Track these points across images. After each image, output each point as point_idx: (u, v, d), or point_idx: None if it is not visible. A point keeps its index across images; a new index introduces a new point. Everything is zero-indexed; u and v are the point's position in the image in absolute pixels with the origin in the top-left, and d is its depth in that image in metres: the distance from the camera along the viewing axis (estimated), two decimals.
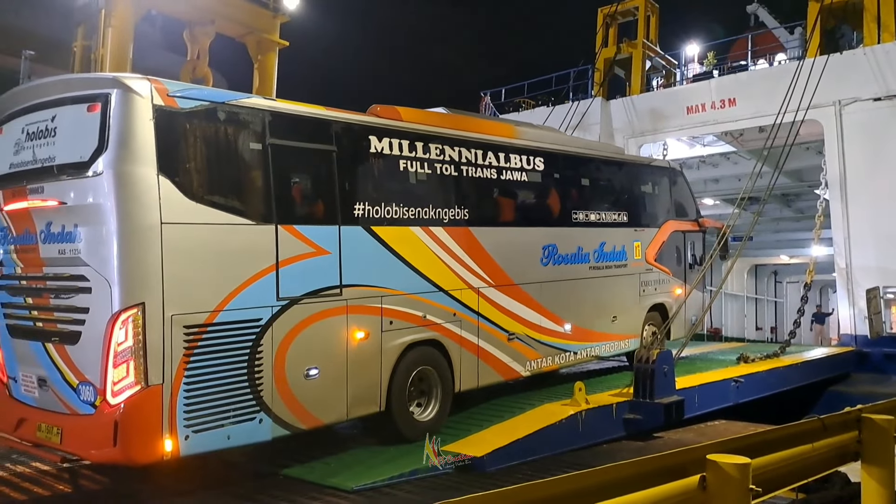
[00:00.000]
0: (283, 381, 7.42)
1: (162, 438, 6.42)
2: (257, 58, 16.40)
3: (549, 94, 24.04)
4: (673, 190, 14.75)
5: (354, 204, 8.37)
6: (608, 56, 23.11)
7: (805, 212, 25.47)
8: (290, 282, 7.51)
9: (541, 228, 11.35)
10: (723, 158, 24.26)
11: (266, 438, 7.29)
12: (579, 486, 3.45)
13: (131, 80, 6.59)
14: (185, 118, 6.82)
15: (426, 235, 9.22)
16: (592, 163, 12.92)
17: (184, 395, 6.55)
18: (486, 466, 8.42)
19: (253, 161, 7.45)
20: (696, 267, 15.03)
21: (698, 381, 12.67)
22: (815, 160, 20.33)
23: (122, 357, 6.26)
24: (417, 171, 9.23)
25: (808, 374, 15.80)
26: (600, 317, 12.37)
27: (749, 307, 32.26)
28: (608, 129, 22.09)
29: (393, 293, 8.70)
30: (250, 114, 7.47)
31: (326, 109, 8.41)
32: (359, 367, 8.25)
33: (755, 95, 19.06)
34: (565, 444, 9.70)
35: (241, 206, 7.24)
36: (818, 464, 5.31)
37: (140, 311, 6.30)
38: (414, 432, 8.88)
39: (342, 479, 7.63)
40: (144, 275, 6.41)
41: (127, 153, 6.40)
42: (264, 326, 7.27)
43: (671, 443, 10.37)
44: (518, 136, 11.32)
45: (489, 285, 10.12)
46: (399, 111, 9.42)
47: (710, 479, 3.88)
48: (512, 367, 10.55)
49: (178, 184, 6.64)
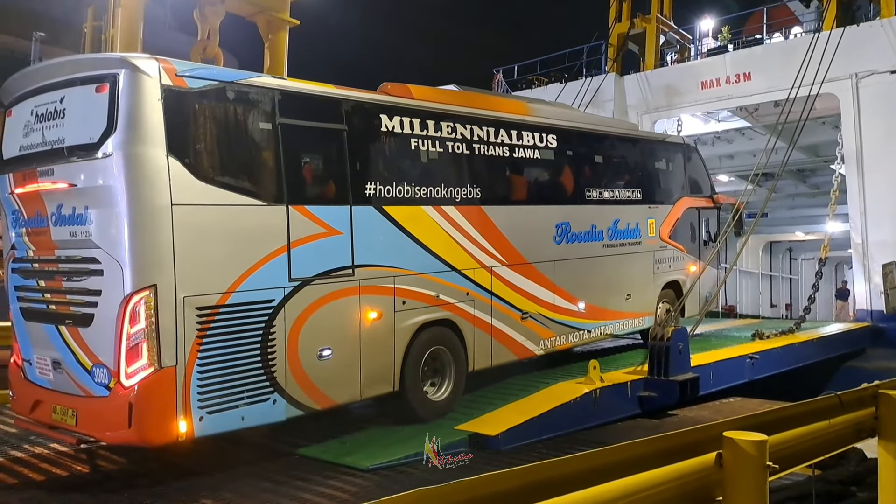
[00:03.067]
0: (297, 361, 7.42)
1: (176, 420, 6.45)
2: (268, 37, 16.30)
3: (563, 70, 23.83)
4: (687, 166, 14.61)
5: (366, 183, 8.31)
6: (622, 31, 22.88)
7: (820, 187, 25.22)
8: (301, 262, 7.49)
9: (554, 206, 11.26)
10: (737, 134, 24.03)
11: (280, 419, 7.31)
12: (594, 465, 3.44)
13: (139, 60, 6.53)
14: (194, 98, 6.77)
15: (438, 215, 9.17)
16: (606, 139, 12.80)
17: (197, 377, 6.57)
18: (501, 445, 8.43)
19: (263, 141, 7.40)
20: (711, 244, 14.90)
21: (713, 358, 12.62)
22: (830, 135, 20.11)
23: (135, 339, 6.28)
24: (429, 149, 9.15)
25: (823, 350, 15.72)
26: (614, 295, 12.30)
27: (764, 284, 32.07)
28: (622, 106, 21.91)
29: (405, 273, 8.66)
30: (260, 93, 7.42)
31: (337, 88, 8.33)
32: (372, 347, 8.24)
33: (770, 69, 18.84)
34: (580, 423, 9.69)
35: (252, 187, 7.21)
36: (835, 440, 5.28)
37: (152, 293, 6.30)
38: (428, 412, 8.93)
39: (357, 459, 7.66)
40: (156, 257, 6.40)
41: (136, 134, 6.37)
42: (277, 307, 7.26)
43: (686, 420, 10.35)
44: (530, 113, 11.21)
45: (502, 264, 10.07)
46: (410, 89, 9.34)
47: (726, 457, 3.86)
48: (525, 346, 10.50)
49: (187, 164, 6.60)
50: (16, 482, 6.95)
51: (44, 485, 6.89)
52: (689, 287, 13.81)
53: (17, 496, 6.55)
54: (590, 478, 3.36)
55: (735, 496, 3.87)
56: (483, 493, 2.98)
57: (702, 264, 14.33)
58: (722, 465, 3.86)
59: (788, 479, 6.23)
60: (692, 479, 3.83)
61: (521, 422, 8.90)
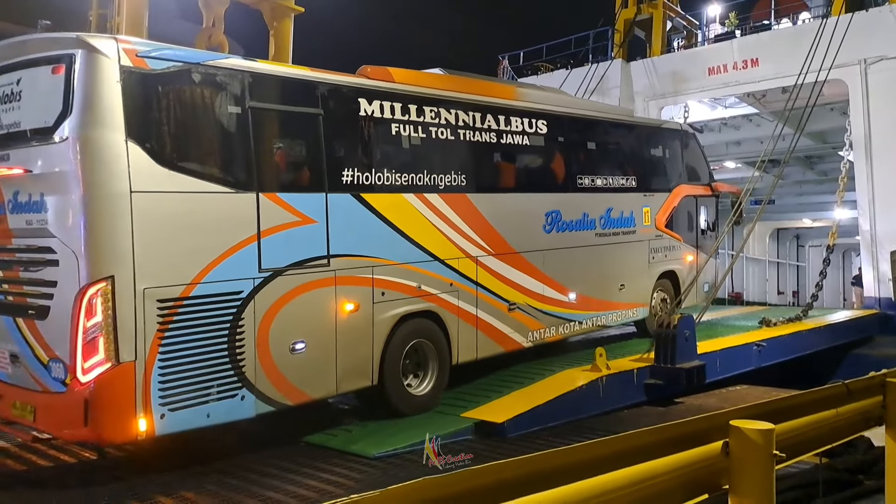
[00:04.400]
0: (267, 355, 7.17)
1: (135, 417, 6.21)
2: (273, 24, 16.22)
3: (568, 56, 23.69)
4: (684, 153, 14.32)
5: (343, 170, 8.03)
6: (628, 17, 22.72)
7: (828, 174, 25.08)
8: (273, 252, 7.22)
9: (543, 194, 10.97)
10: (745, 120, 23.89)
11: (249, 415, 7.07)
12: (601, 453, 3.43)
13: (96, 40, 6.24)
14: (156, 80, 6.48)
15: (420, 203, 8.87)
16: (599, 125, 12.48)
17: (158, 372, 6.32)
18: (507, 432, 8.46)
19: (232, 125, 7.14)
20: (709, 233, 14.70)
21: (720, 346, 12.61)
22: (839, 121, 19.96)
23: (92, 333, 6.04)
24: (411, 135, 8.85)
25: (830, 338, 15.68)
26: (607, 285, 12.05)
27: (771, 271, 31.97)
28: (628, 92, 21.79)
29: (385, 263, 8.39)
30: (229, 75, 7.12)
31: (312, 71, 8.08)
32: (349, 340, 7.97)
33: (778, 55, 18.69)
34: (586, 410, 9.71)
35: (219, 173, 6.95)
36: (842, 429, 5.26)
37: (109, 284, 6.05)
38: (409, 406, 8.70)
39: (364, 446, 7.69)
40: (113, 247, 6.15)
41: (92, 117, 6.11)
42: (245, 299, 6.99)
43: (693, 408, 10.34)
44: (519, 97, 10.88)
45: (488, 254, 9.79)
46: (391, 72, 9.01)
47: (733, 446, 3.85)
48: (513, 337, 10.22)
49: (149, 150, 6.33)
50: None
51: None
52: (686, 276, 13.66)
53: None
54: (596, 466, 3.35)
55: (742, 485, 3.86)
56: (489, 482, 2.97)
57: (701, 254, 14.20)
58: (728, 454, 3.85)
59: (795, 467, 6.21)
60: (699, 468, 3.82)
61: (527, 409, 8.92)
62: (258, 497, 6.32)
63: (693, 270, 14.00)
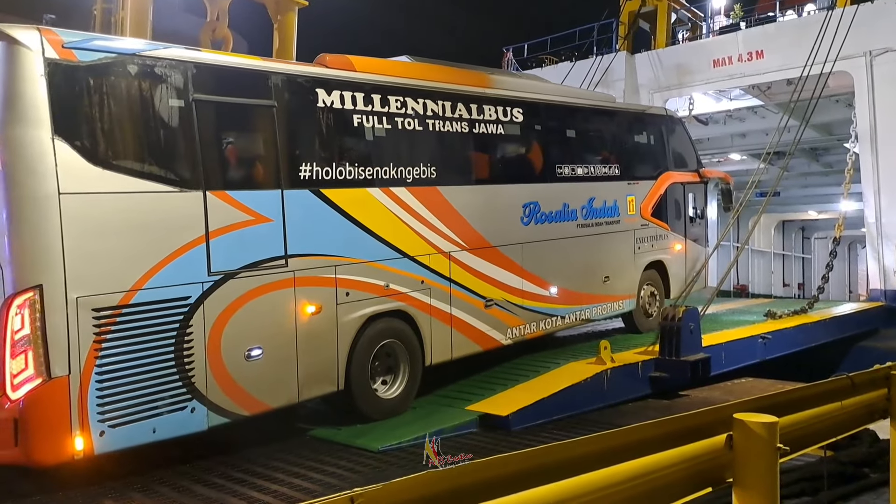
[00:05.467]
0: (219, 364, 6.81)
1: (71, 436, 5.83)
2: (277, 18, 16.22)
3: (573, 49, 23.62)
4: (670, 139, 13.92)
5: (300, 165, 7.65)
6: (632, 9, 22.63)
7: (834, 166, 24.99)
8: (223, 254, 6.85)
9: (520, 185, 10.59)
10: (750, 112, 23.80)
11: (201, 428, 6.72)
12: (605, 447, 3.43)
13: (16, 31, 5.85)
14: (85, 72, 6.11)
15: (386, 197, 8.49)
16: (578, 112, 12.08)
17: (96, 387, 5.96)
18: (511, 426, 8.48)
19: (174, 120, 6.72)
20: (698, 220, 14.44)
21: (725, 338, 12.62)
22: (844, 113, 19.90)
23: (20, 346, 5.66)
24: (374, 126, 8.43)
25: (836, 330, 15.67)
26: (591, 277, 11.73)
27: (776, 263, 31.92)
28: (633, 84, 21.72)
29: (348, 261, 8.01)
30: (169, 66, 6.68)
31: (263, 60, 7.85)
32: (310, 344, 7.61)
33: (783, 47, 18.61)
34: (590, 403, 9.73)
35: (160, 172, 6.55)
36: (847, 422, 5.25)
37: (37, 294, 5.69)
38: (377, 411, 8.39)
39: (368, 440, 7.71)
40: (40, 253, 5.80)
41: (13, 114, 5.76)
42: (194, 305, 6.62)
43: (697, 401, 10.35)
44: (493, 85, 10.44)
45: (462, 249, 9.41)
46: (352, 60, 8.59)
47: (737, 439, 3.84)
48: (490, 335, 9.85)
49: (79, 148, 5.97)
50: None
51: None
52: (674, 266, 13.53)
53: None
54: (600, 459, 3.35)
55: (746, 478, 3.86)
56: (494, 475, 2.98)
57: (691, 243, 14.09)
58: (732, 447, 3.84)
59: (800, 460, 6.22)
60: (702, 461, 3.82)
61: (532, 402, 8.94)
62: (263, 490, 6.35)
63: (682, 259, 13.79)
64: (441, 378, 9.65)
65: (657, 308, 13.10)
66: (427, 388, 9.30)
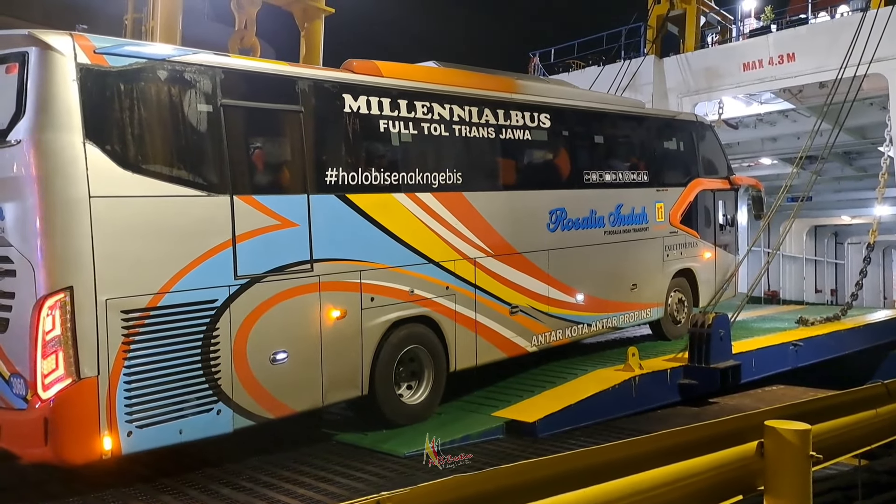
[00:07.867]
0: (245, 367, 6.84)
1: (99, 436, 5.90)
2: (304, 26, 16.35)
3: (600, 53, 23.53)
4: (700, 146, 13.74)
5: (326, 170, 7.66)
6: (661, 13, 22.47)
7: (868, 170, 24.62)
8: (250, 258, 6.88)
9: (547, 191, 10.47)
10: (781, 116, 23.52)
11: (226, 431, 6.73)
12: (634, 453, 3.40)
13: (50, 36, 5.91)
14: (117, 78, 6.16)
15: (412, 203, 8.45)
16: (606, 118, 11.97)
17: (124, 388, 6.02)
18: (538, 432, 8.42)
19: (203, 125, 6.78)
20: (728, 228, 14.27)
21: (755, 345, 12.44)
22: (878, 116, 19.58)
23: (51, 347, 5.74)
24: (401, 131, 8.45)
25: (870, 337, 15.37)
26: (618, 285, 11.56)
27: (808, 269, 31.51)
28: (661, 89, 21.55)
29: (374, 267, 7.98)
30: (198, 71, 6.75)
31: (290, 66, 7.85)
32: (335, 348, 7.59)
33: (816, 50, 18.35)
34: (618, 410, 9.64)
35: (189, 176, 6.60)
36: (882, 430, 5.17)
37: (68, 295, 5.75)
38: (402, 417, 8.35)
39: (394, 445, 7.70)
40: (72, 255, 5.85)
41: (46, 119, 5.81)
42: (220, 308, 6.66)
43: (727, 408, 10.21)
44: (520, 90, 10.35)
45: (487, 255, 9.32)
46: (379, 66, 8.56)
47: (768, 446, 3.79)
48: (515, 342, 9.75)
49: (110, 152, 6.03)
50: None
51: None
52: (704, 274, 13.34)
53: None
54: (629, 466, 3.32)
55: (777, 486, 3.80)
56: (521, 481, 2.97)
57: (720, 251, 13.89)
58: (763, 455, 3.79)
59: (833, 468, 6.10)
60: (733, 469, 3.77)
61: (559, 409, 8.88)
62: (290, 494, 6.36)
63: (711, 267, 13.62)
64: (468, 384, 9.61)
65: (685, 315, 12.97)
66: (454, 394, 9.27)
